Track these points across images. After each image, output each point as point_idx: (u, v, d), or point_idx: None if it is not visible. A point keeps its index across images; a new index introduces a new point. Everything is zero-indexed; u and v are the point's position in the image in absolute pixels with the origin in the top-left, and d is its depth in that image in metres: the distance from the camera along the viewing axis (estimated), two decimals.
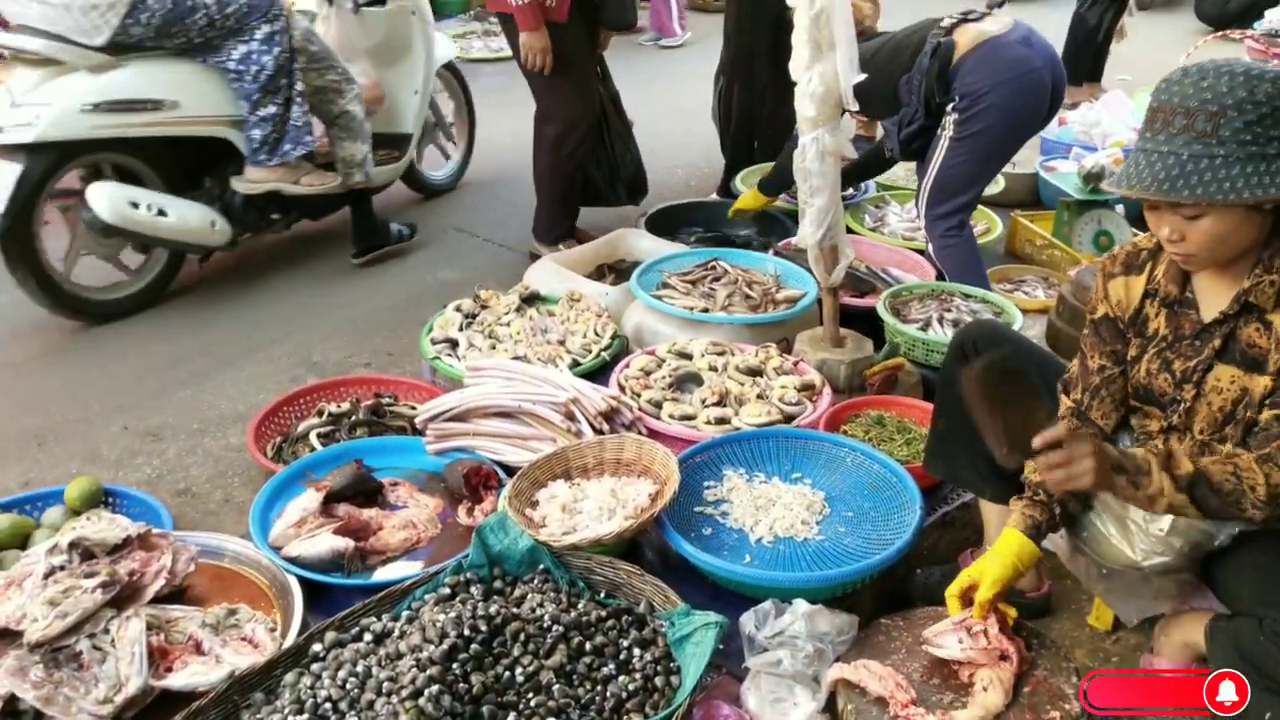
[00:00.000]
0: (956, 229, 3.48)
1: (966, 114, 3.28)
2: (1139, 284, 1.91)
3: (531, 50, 3.87)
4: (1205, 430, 1.84)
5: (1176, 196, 1.61)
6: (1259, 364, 1.75)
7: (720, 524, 2.39)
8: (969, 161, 3.36)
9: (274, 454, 2.82)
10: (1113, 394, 1.99)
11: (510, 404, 2.69)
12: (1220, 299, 1.79)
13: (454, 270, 4.32)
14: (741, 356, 3.02)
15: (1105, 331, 1.97)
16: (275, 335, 3.75)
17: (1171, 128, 1.63)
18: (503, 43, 8.11)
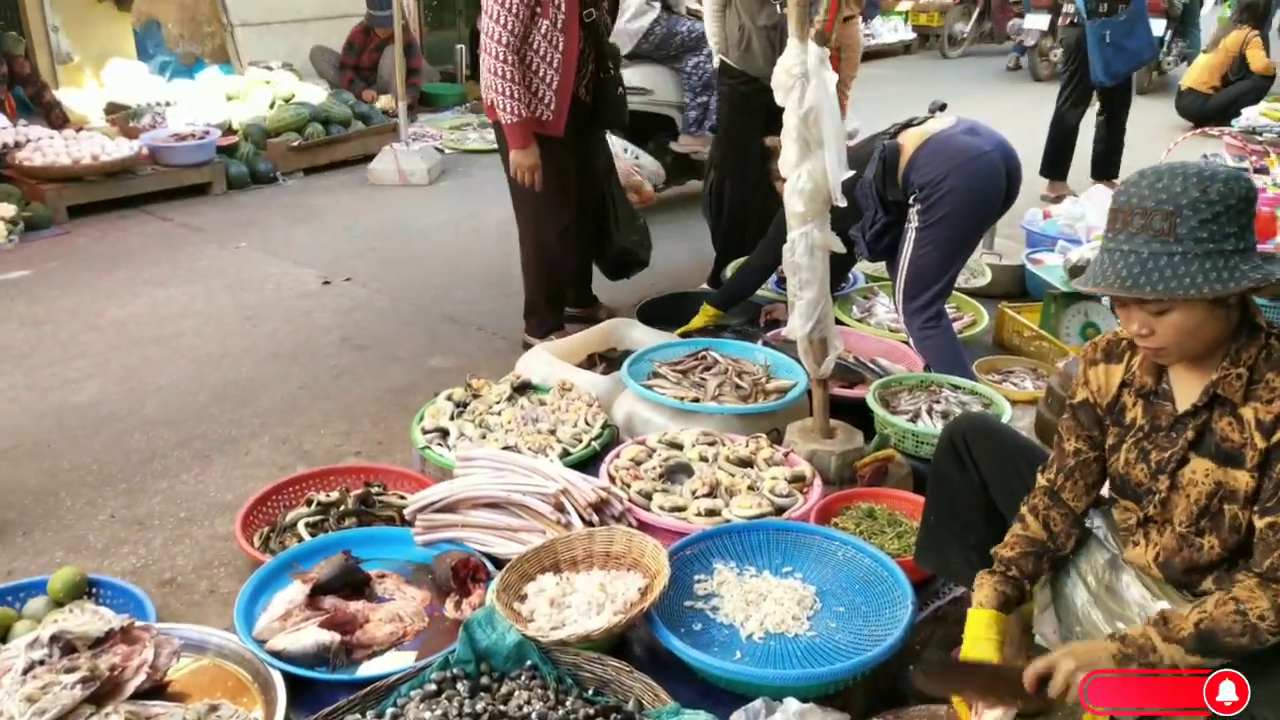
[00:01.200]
0: (934, 319, 3.55)
1: (928, 202, 3.39)
2: (1117, 373, 1.94)
3: (520, 168, 3.92)
4: (1183, 523, 1.85)
5: (1139, 293, 1.67)
6: (1234, 458, 1.77)
7: (710, 619, 2.37)
8: (937, 248, 3.45)
9: (262, 544, 2.80)
10: (1086, 478, 2.02)
11: (500, 495, 2.68)
12: (1193, 391, 1.82)
13: (446, 358, 4.34)
14: (732, 447, 3.02)
15: (1083, 416, 2.00)
16: (268, 422, 3.75)
17: (1131, 227, 1.69)
18: None
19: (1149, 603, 1.93)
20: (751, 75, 4.53)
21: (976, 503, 2.22)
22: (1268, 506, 1.72)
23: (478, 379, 3.49)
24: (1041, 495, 2.05)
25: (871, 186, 3.49)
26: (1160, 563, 1.91)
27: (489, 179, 7.21)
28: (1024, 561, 2.03)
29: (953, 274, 3.61)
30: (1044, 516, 2.04)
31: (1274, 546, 1.70)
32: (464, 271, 5.46)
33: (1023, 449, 2.26)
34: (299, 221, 6.36)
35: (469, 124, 8.90)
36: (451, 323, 4.76)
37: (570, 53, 3.83)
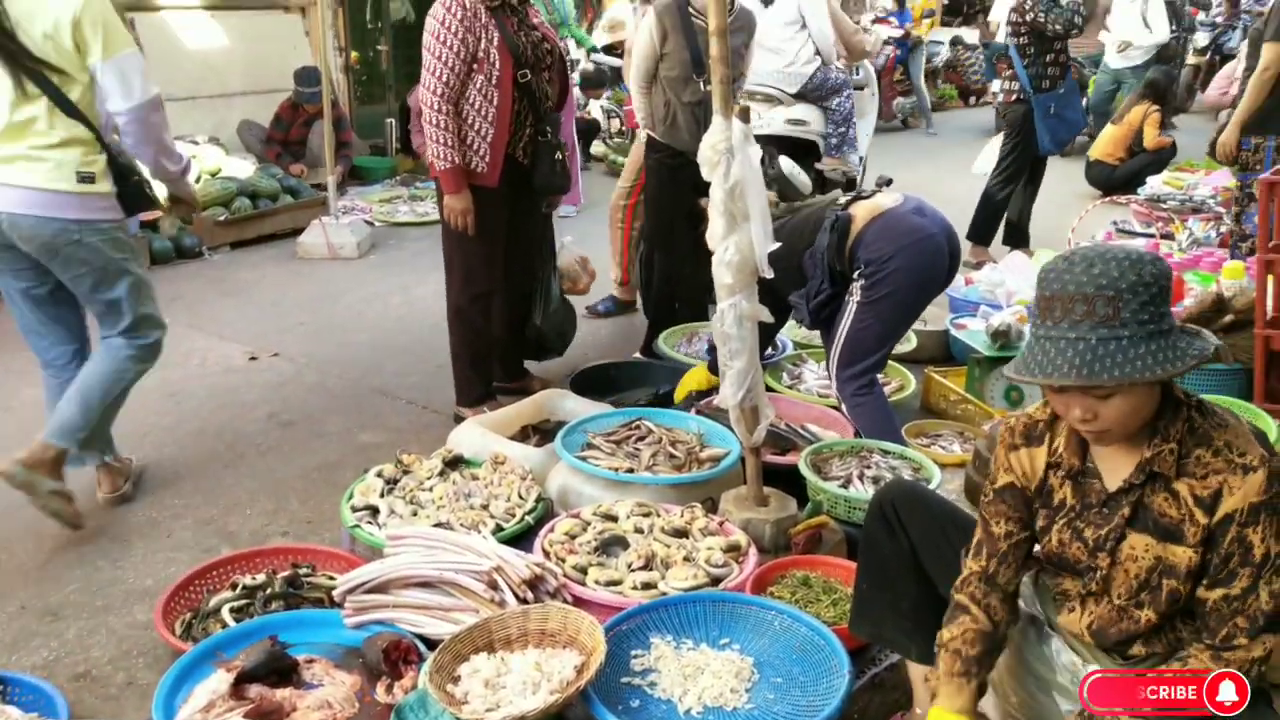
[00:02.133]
0: (867, 387, 3.60)
1: (873, 279, 3.45)
2: (1041, 455, 1.95)
3: (452, 211, 3.98)
4: (1122, 596, 1.88)
5: (1097, 380, 1.66)
6: (1174, 534, 1.79)
7: (648, 695, 2.34)
8: (877, 323, 3.52)
9: (183, 631, 2.70)
10: (1019, 558, 2.01)
11: (431, 574, 2.63)
12: (1122, 467, 1.85)
13: (376, 433, 4.29)
14: (667, 518, 3.02)
15: (1010, 499, 1.99)
16: (191, 503, 3.65)
17: (1074, 314, 1.68)
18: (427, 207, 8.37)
19: (1080, 667, 1.94)
20: (678, 149, 4.63)
21: (907, 570, 2.24)
22: (1218, 579, 1.76)
23: (408, 454, 3.44)
24: (978, 583, 2.01)
25: (823, 256, 3.55)
26: (1094, 631, 1.93)
27: (420, 251, 7.22)
28: (987, 660, 1.99)
29: (888, 349, 3.67)
30: (985, 605, 1.99)
31: (1227, 617, 1.74)
32: (394, 345, 5.42)
33: (950, 514, 2.29)
34: (225, 296, 6.27)
35: (399, 197, 8.90)
36: (382, 396, 4.71)
37: (504, 109, 3.93)
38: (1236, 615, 1.74)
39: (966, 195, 7.09)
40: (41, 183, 3.10)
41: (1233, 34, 14.35)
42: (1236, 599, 1.74)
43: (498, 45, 3.86)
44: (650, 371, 4.56)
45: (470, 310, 4.17)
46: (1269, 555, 1.72)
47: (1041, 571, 2.05)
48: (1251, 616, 1.73)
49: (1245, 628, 1.74)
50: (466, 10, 3.81)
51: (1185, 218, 7.24)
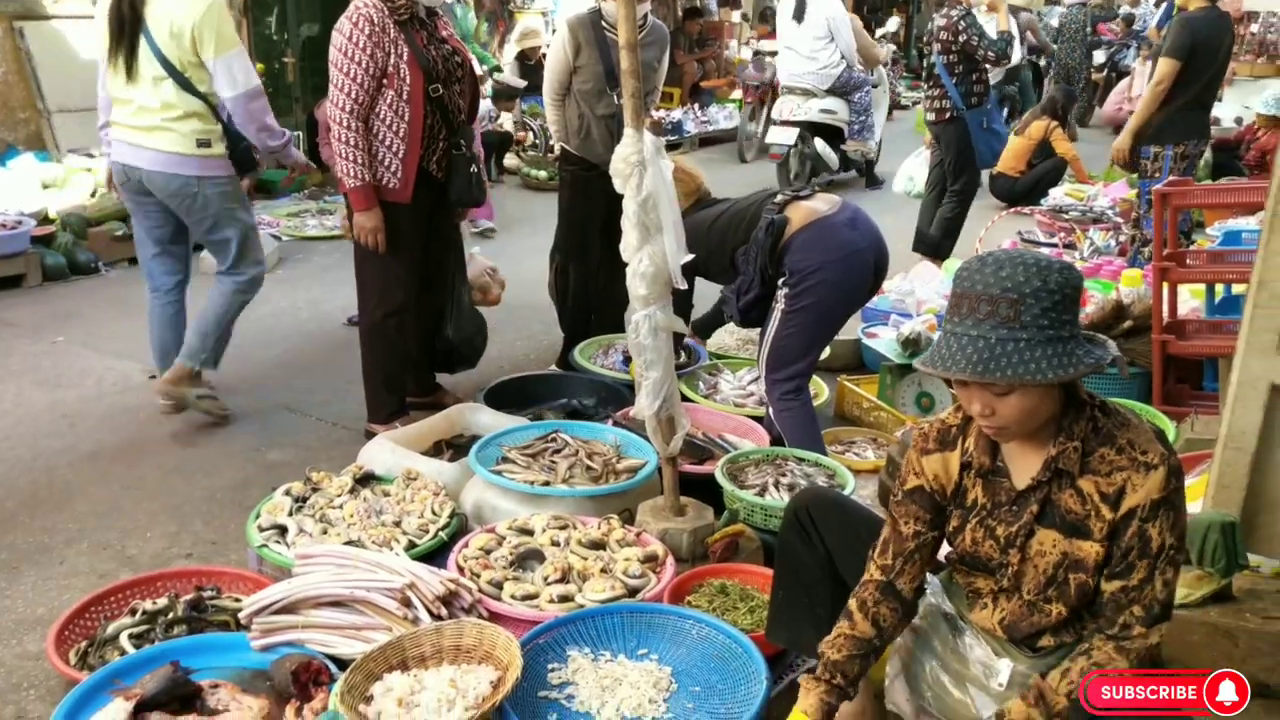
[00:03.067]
0: (794, 393, 3.62)
1: (797, 289, 3.48)
2: (955, 459, 2.00)
3: (363, 230, 3.90)
4: (1031, 591, 1.93)
5: (990, 378, 1.73)
6: (1080, 530, 1.86)
7: (565, 708, 2.32)
8: (800, 332, 3.54)
9: (79, 661, 2.59)
10: (924, 558, 2.06)
11: (342, 593, 2.57)
12: (1029, 465, 1.91)
13: (284, 451, 4.18)
14: (584, 530, 3.00)
15: (919, 500, 2.05)
16: (86, 528, 3.50)
17: (978, 313, 1.75)
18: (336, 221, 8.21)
19: (993, 660, 1.99)
20: (591, 162, 4.63)
21: (823, 575, 2.26)
22: (1116, 571, 1.83)
23: (318, 472, 3.36)
24: (873, 589, 2.05)
25: (756, 255, 3.53)
26: (1005, 625, 1.98)
27: (329, 266, 7.07)
28: (850, 665, 2.03)
29: (814, 356, 3.71)
30: (873, 614, 2.04)
31: (1124, 606, 1.81)
32: (303, 361, 5.29)
33: (865, 520, 2.32)
34: (124, 314, 6.03)
35: (307, 210, 8.72)
36: (289, 413, 4.59)
37: (415, 124, 3.86)
38: (1133, 604, 1.81)
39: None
40: (170, 147, 4.07)
41: (1127, 51, 15.01)
42: (1134, 589, 1.81)
43: (407, 60, 3.79)
44: (566, 384, 4.53)
45: (384, 327, 4.10)
46: (1164, 547, 1.80)
47: (954, 571, 2.09)
48: (1147, 605, 1.80)
49: (1141, 616, 1.80)
50: (374, 25, 3.73)
51: (1086, 228, 7.51)
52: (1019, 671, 1.94)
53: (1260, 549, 2.84)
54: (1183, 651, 2.62)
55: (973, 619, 2.05)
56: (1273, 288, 2.69)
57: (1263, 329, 2.72)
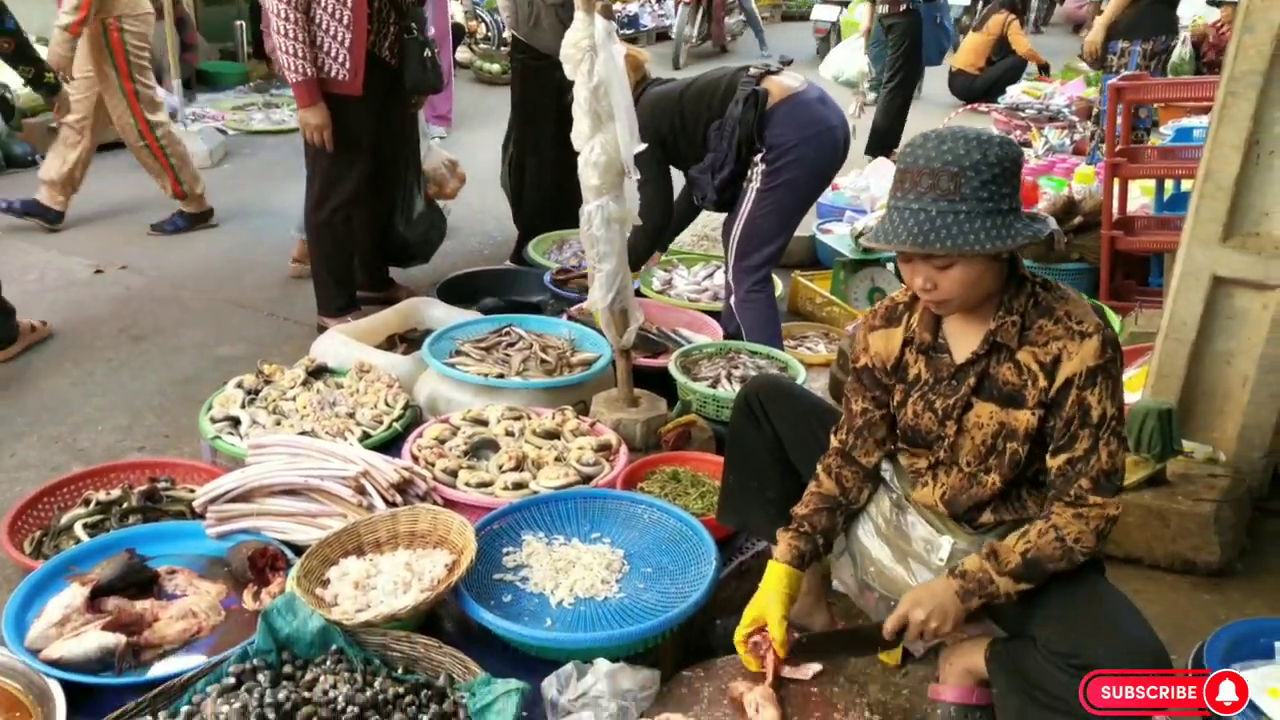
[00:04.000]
0: (760, 284, 3.61)
1: (774, 165, 3.44)
2: (898, 335, 2.06)
3: (308, 126, 3.80)
4: (971, 463, 1.99)
5: (930, 249, 1.76)
6: (1015, 399, 1.91)
7: (520, 590, 2.37)
8: (775, 212, 3.51)
9: (33, 550, 2.59)
10: (874, 434, 2.13)
11: (296, 481, 2.58)
12: (970, 341, 1.96)
13: (235, 346, 4.14)
14: (538, 420, 3.02)
15: (866, 379, 2.12)
16: (36, 421, 3.47)
17: (920, 187, 1.78)
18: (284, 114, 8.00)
19: (934, 537, 2.07)
20: (541, 51, 4.52)
21: (772, 460, 2.31)
22: (1060, 445, 1.88)
23: (270, 364, 3.34)
24: (835, 455, 2.16)
25: (733, 130, 3.44)
26: (946, 500, 2.05)
27: (277, 160, 6.92)
28: (817, 518, 2.14)
29: (785, 239, 3.64)
30: (837, 475, 2.15)
31: (1073, 478, 1.86)
32: (253, 256, 5.21)
33: (814, 407, 2.36)
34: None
35: (253, 104, 8.47)
36: (240, 309, 4.54)
37: (359, 9, 3.73)
38: (1080, 476, 1.87)
39: None
40: None
41: None
42: (1079, 460, 1.86)
43: None
44: (520, 279, 4.51)
45: (333, 221, 4.03)
46: (1105, 417, 1.84)
47: (899, 452, 2.14)
48: (1094, 477, 1.86)
49: (1090, 487, 1.86)
50: None
51: (1042, 125, 7.51)
52: (959, 549, 2.02)
53: (1194, 435, 2.95)
54: (1118, 532, 2.70)
55: (916, 498, 2.11)
56: (1218, 178, 2.73)
57: (1207, 219, 2.76)
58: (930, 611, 1.92)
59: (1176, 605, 2.59)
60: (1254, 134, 2.68)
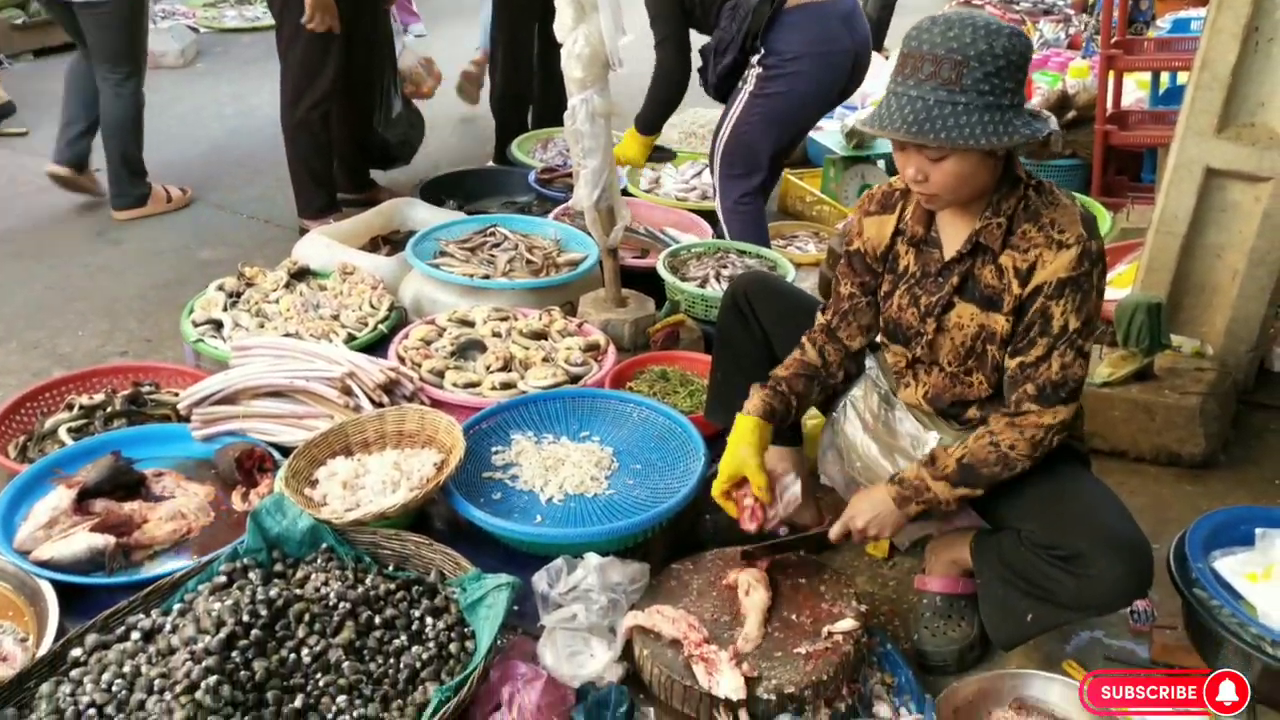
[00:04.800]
0: (750, 197, 3.47)
1: (770, 72, 3.27)
2: (890, 223, 2.02)
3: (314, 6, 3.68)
4: (951, 363, 1.98)
5: (923, 139, 1.70)
6: (994, 303, 1.89)
7: (510, 487, 2.37)
8: (761, 122, 3.34)
9: (18, 455, 2.58)
10: (859, 319, 2.12)
11: (282, 382, 2.56)
12: (958, 238, 1.92)
13: (216, 249, 4.07)
14: (525, 321, 2.99)
15: (856, 264, 2.09)
16: (13, 327, 3.42)
17: (920, 74, 1.71)
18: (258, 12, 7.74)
19: (920, 433, 2.07)
20: None
21: (760, 357, 2.29)
22: (1018, 348, 1.87)
23: (251, 267, 3.28)
24: (820, 332, 2.16)
25: (747, 18, 3.22)
26: (930, 399, 2.05)
27: (252, 59, 6.73)
28: (795, 381, 2.12)
29: (769, 150, 3.43)
30: (820, 347, 2.14)
31: (1020, 383, 1.86)
32: (230, 158, 5.09)
33: (802, 303, 2.33)
34: (31, 109, 5.70)
35: (225, 1, 8.19)
36: (219, 211, 4.45)
37: None
38: (1027, 382, 1.86)
39: None
40: None
41: None
42: (1030, 366, 1.85)
43: None
44: (503, 178, 4.43)
45: (309, 119, 3.93)
46: (1066, 328, 1.82)
47: (884, 348, 2.13)
48: (1040, 384, 1.84)
49: (1033, 394, 1.85)
50: None
51: (1037, 19, 7.33)
52: (945, 444, 2.01)
53: (1182, 330, 2.94)
54: (1104, 427, 2.75)
55: (902, 397, 2.11)
56: (1215, 68, 2.66)
57: (1202, 110, 2.71)
58: (870, 519, 1.98)
59: (1160, 497, 2.62)
60: (1253, 20, 2.61)
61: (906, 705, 1.90)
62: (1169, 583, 2.03)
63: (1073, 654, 2.15)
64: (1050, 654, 2.14)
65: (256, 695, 1.69)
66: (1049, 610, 1.90)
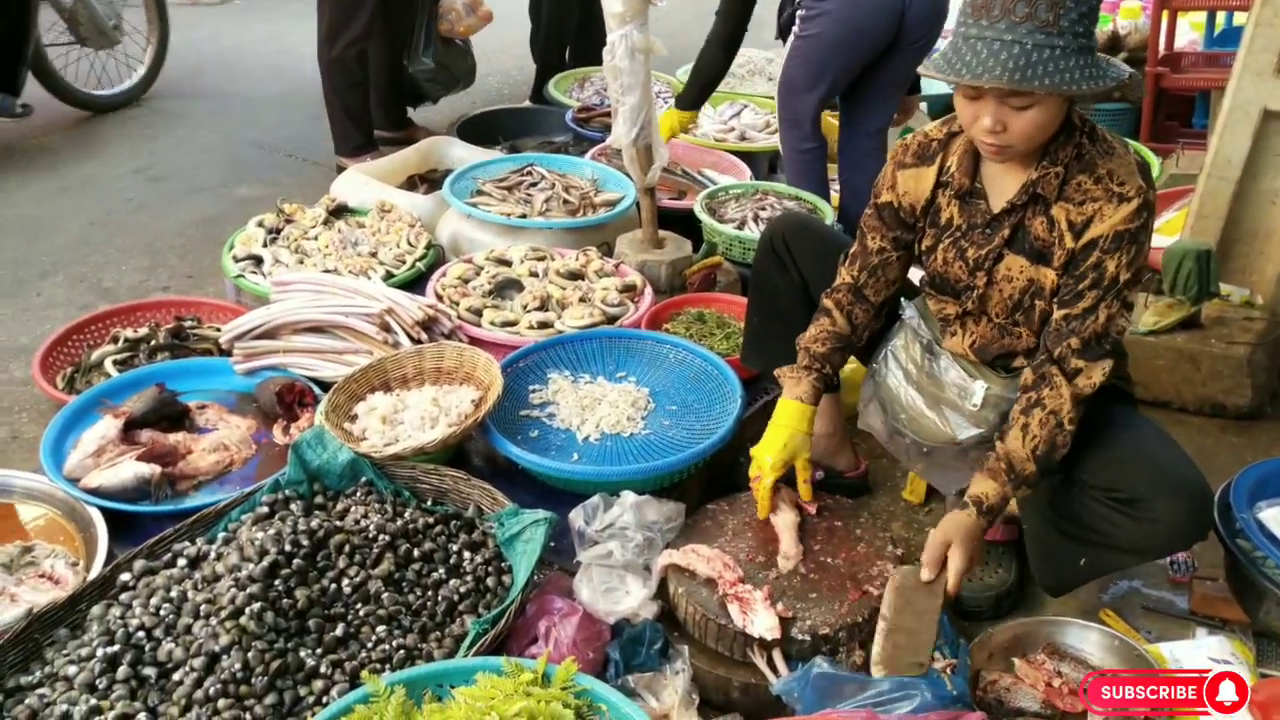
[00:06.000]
0: (810, 148, 3.37)
1: (806, 15, 3.18)
2: (930, 175, 1.94)
3: None
4: (999, 315, 1.94)
5: (1029, 86, 1.59)
6: (1044, 256, 1.84)
7: (547, 425, 2.38)
8: (804, 64, 3.24)
9: (65, 386, 2.62)
10: (887, 274, 2.06)
11: (322, 318, 2.58)
12: (1007, 188, 1.85)
13: (254, 187, 4.09)
14: (562, 261, 2.99)
15: (887, 216, 2.01)
16: (60, 260, 3.47)
17: (1014, 15, 1.59)
18: None
19: (967, 382, 2.02)
20: None
21: (799, 301, 2.24)
22: (1064, 299, 1.81)
23: (290, 204, 3.29)
24: (845, 291, 2.08)
25: None
26: (976, 349, 2.00)
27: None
28: (833, 355, 2.08)
29: (815, 96, 3.29)
30: (848, 311, 2.08)
31: (1065, 336, 1.80)
32: (268, 95, 5.10)
33: (840, 244, 2.27)
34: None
35: None
36: (258, 149, 4.46)
37: None
38: (1072, 335, 1.80)
39: None
40: None
41: None
42: (1076, 318, 1.79)
43: None
44: (541, 118, 4.40)
45: (344, 57, 3.91)
46: (1117, 280, 1.77)
47: (927, 296, 2.09)
48: (1086, 337, 1.79)
49: (1077, 348, 1.79)
50: None
51: None
52: (993, 393, 1.97)
53: (1232, 279, 2.88)
54: (1148, 376, 2.70)
55: (947, 346, 2.07)
56: (1277, 3, 2.57)
57: (1262, 49, 2.63)
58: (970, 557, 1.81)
59: (1204, 448, 2.58)
60: None
61: (941, 649, 1.90)
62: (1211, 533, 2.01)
63: (1109, 603, 2.14)
64: (1086, 603, 2.13)
65: (299, 623, 1.72)
66: (1104, 555, 1.86)
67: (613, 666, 1.83)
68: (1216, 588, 2.07)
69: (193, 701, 1.60)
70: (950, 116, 1.92)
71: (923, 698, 1.66)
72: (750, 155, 3.99)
